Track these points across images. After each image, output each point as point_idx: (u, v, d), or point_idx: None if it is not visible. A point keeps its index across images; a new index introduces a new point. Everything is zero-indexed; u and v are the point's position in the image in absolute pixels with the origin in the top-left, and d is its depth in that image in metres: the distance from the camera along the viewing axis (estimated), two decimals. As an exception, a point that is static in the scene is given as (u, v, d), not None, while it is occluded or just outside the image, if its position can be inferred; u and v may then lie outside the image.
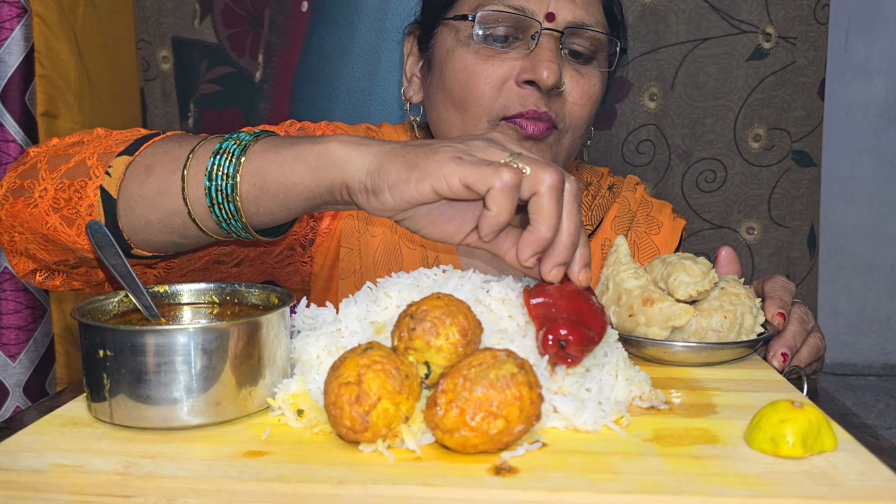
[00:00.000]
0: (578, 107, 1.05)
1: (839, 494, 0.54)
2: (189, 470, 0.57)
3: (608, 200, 1.20)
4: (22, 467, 0.58)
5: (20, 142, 1.31)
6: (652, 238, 1.20)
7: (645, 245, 1.19)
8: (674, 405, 0.72)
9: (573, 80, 1.05)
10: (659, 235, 1.20)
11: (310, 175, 0.73)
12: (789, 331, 0.89)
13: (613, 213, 1.20)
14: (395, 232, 1.13)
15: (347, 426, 0.59)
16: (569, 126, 1.06)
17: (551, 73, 0.99)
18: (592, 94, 1.06)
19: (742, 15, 1.60)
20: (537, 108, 1.02)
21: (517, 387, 0.58)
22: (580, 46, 1.05)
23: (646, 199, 1.23)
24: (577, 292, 0.71)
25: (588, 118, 1.08)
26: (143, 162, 0.80)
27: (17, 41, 1.30)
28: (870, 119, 2.40)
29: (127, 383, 0.63)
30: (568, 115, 1.05)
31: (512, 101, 1.03)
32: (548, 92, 1.02)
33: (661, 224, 1.21)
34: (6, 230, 0.88)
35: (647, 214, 1.21)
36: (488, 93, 1.03)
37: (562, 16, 1.03)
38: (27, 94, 1.33)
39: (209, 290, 0.78)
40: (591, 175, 1.23)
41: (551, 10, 1.02)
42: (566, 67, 1.04)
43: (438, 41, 1.10)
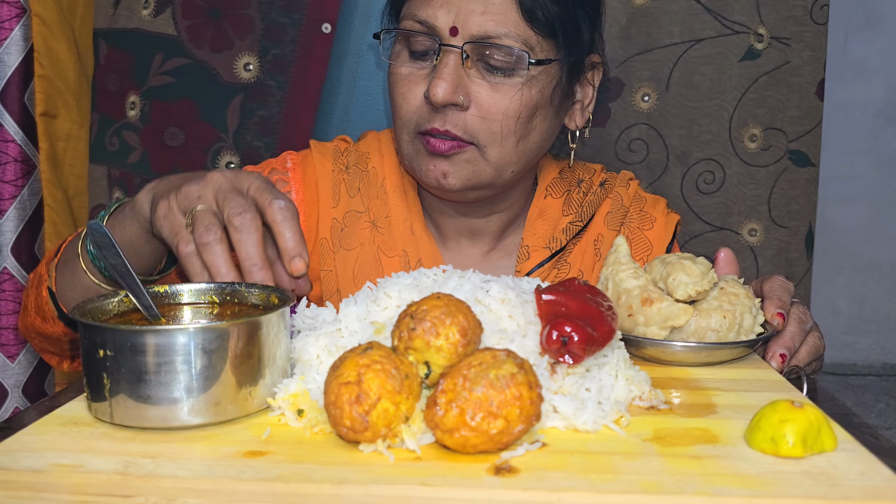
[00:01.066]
0: (491, 121, 1.02)
1: (839, 494, 0.54)
2: (189, 470, 0.57)
3: (599, 197, 1.19)
4: (22, 467, 0.58)
5: (19, 142, 1.32)
6: (645, 233, 1.19)
7: (638, 240, 1.19)
8: (673, 405, 0.72)
9: (482, 95, 1.01)
10: (652, 230, 1.19)
11: (133, 225, 0.91)
12: (788, 331, 0.89)
13: (606, 209, 1.19)
14: (372, 243, 1.14)
15: (347, 426, 0.59)
16: (486, 141, 1.02)
17: (440, 90, 0.98)
18: (505, 108, 1.01)
19: (734, 16, 1.60)
20: (439, 127, 1.01)
21: (517, 387, 0.58)
22: (494, 59, 1.01)
23: (639, 195, 1.22)
24: (589, 297, 0.72)
25: (510, 131, 1.03)
26: (61, 260, 1.00)
27: (17, 41, 1.30)
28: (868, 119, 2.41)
29: (127, 383, 0.63)
30: (480, 131, 1.02)
31: (422, 118, 1.03)
32: (448, 108, 1.01)
33: (654, 219, 1.20)
34: (29, 339, 1.13)
35: (640, 210, 1.21)
36: (405, 108, 1.04)
37: (466, 29, 1.00)
38: (26, 94, 1.33)
39: (209, 290, 0.78)
40: (583, 172, 1.22)
41: (454, 24, 1.00)
42: (473, 82, 1.01)
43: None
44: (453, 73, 1.00)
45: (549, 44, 1.03)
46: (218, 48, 1.61)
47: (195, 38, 1.61)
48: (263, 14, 1.61)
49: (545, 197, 1.17)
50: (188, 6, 1.59)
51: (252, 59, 1.62)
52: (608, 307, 0.73)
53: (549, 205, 1.17)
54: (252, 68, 1.62)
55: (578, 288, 0.74)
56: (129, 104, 1.61)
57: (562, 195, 1.18)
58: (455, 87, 0.99)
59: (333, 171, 1.16)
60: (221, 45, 1.61)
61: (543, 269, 1.14)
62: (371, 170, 1.16)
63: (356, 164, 1.17)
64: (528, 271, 1.14)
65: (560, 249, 1.15)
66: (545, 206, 1.17)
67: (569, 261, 1.16)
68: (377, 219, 1.14)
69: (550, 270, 1.15)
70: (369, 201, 1.15)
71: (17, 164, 1.31)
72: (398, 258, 1.13)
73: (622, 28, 1.59)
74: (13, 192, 1.33)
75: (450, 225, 1.16)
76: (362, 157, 1.18)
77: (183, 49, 1.61)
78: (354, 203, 1.15)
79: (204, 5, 1.59)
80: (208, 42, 1.61)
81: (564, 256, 1.16)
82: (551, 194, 1.18)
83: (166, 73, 1.62)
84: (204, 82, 1.62)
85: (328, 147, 1.20)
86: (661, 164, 1.67)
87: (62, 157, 1.47)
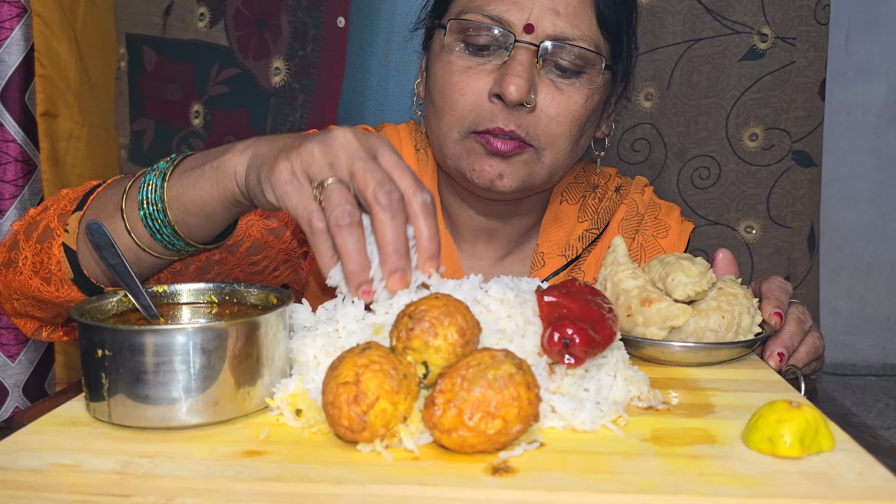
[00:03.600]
0: (555, 124, 1.01)
1: (836, 494, 0.54)
2: (187, 469, 0.57)
3: (615, 202, 1.18)
4: (20, 467, 0.58)
5: (20, 141, 1.32)
6: (659, 241, 1.18)
7: (652, 248, 1.18)
8: (672, 405, 0.72)
9: (549, 96, 1.00)
10: (667, 239, 1.19)
11: (215, 189, 0.79)
12: (786, 330, 0.88)
13: (621, 215, 1.19)
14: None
15: (345, 426, 0.59)
16: (546, 144, 1.02)
17: (517, 87, 0.96)
18: (572, 111, 1.01)
19: (735, 16, 1.60)
20: (504, 127, 0.99)
21: (515, 387, 0.58)
22: (565, 61, 1.00)
23: (654, 202, 1.22)
24: (591, 299, 0.72)
25: (568, 135, 1.03)
26: (89, 214, 0.87)
27: (17, 41, 1.30)
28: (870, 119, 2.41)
29: (126, 383, 0.63)
30: (543, 133, 1.01)
31: (482, 116, 1.00)
32: (516, 107, 0.99)
33: (668, 227, 1.19)
34: (6, 299, 0.97)
35: (654, 217, 1.20)
36: (461, 104, 1.01)
37: (542, 28, 0.99)
38: (27, 94, 1.33)
39: (208, 290, 0.78)
40: (598, 177, 1.21)
41: (530, 22, 0.98)
42: (543, 83, 1.00)
43: (433, 43, 1.09)
44: (528, 72, 0.98)
45: (609, 49, 1.03)
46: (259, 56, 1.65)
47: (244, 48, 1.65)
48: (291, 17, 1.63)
49: (560, 202, 1.17)
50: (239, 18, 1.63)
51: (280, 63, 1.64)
52: (609, 309, 0.73)
53: (565, 210, 1.16)
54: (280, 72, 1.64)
55: (579, 289, 0.74)
56: (192, 112, 1.64)
57: (577, 201, 1.17)
58: (530, 87, 0.98)
59: None
60: (262, 53, 1.65)
61: (559, 278, 1.13)
62: None
63: None
64: (544, 279, 1.13)
65: (576, 258, 1.15)
66: (560, 211, 1.16)
67: (583, 269, 1.15)
68: None
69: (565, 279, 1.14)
70: None
71: (17, 163, 1.31)
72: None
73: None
74: (14, 192, 1.33)
75: (468, 226, 1.15)
76: None
77: (234, 59, 1.64)
78: None
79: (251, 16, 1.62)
80: (252, 51, 1.65)
81: (579, 265, 1.15)
82: (567, 199, 1.17)
83: (221, 82, 1.65)
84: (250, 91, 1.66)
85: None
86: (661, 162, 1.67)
87: (63, 156, 1.47)
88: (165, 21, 1.64)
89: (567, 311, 0.70)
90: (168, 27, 1.65)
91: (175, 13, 1.64)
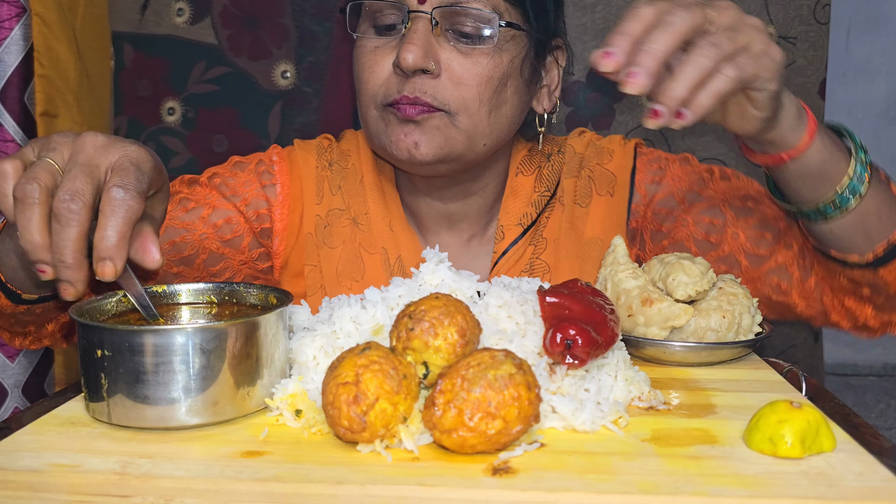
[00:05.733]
0: (464, 88, 1.00)
1: (837, 495, 0.54)
2: (187, 470, 0.57)
3: (560, 160, 1.18)
4: (20, 467, 0.58)
5: (19, 141, 1.31)
6: (605, 167, 1.16)
7: (600, 176, 1.15)
8: (672, 405, 0.72)
9: (454, 61, 1.00)
10: (612, 161, 1.16)
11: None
12: (676, 75, 0.72)
13: (564, 166, 1.18)
14: (353, 240, 1.13)
15: (345, 426, 0.59)
16: (457, 108, 1.01)
17: (411, 54, 0.96)
18: (479, 74, 1.00)
19: (742, 14, 1.60)
20: (409, 94, 0.99)
21: (515, 387, 0.58)
22: (467, 27, 1.00)
23: (594, 140, 1.20)
24: (593, 300, 0.72)
25: (480, 99, 1.02)
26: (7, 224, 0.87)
27: (17, 41, 1.29)
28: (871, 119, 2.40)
29: (125, 383, 0.63)
30: (452, 98, 1.00)
31: (390, 89, 1.01)
32: (418, 75, 0.99)
33: (612, 151, 1.17)
34: None
35: (597, 149, 1.18)
36: (371, 82, 1.02)
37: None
38: (26, 94, 1.33)
39: (208, 290, 0.78)
40: (550, 146, 1.20)
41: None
42: (445, 49, 1.00)
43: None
44: (423, 39, 0.98)
45: (517, 13, 1.03)
46: (255, 56, 1.64)
47: (235, 46, 1.65)
48: (297, 22, 1.63)
49: (517, 175, 1.16)
50: (227, 16, 1.63)
51: (289, 67, 1.65)
52: (611, 310, 0.73)
53: (521, 182, 1.15)
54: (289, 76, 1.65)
55: (581, 290, 0.74)
56: (165, 109, 1.64)
57: (533, 171, 1.16)
58: (425, 53, 0.98)
59: (317, 168, 1.16)
60: (259, 53, 1.64)
61: (518, 247, 1.12)
62: (350, 167, 1.16)
63: (338, 162, 1.17)
64: (504, 251, 1.12)
65: (532, 223, 1.14)
66: (517, 184, 1.15)
67: (545, 235, 1.14)
68: (357, 216, 1.13)
69: (526, 247, 1.13)
70: (350, 199, 1.14)
71: (17, 163, 1.31)
72: (378, 255, 1.12)
73: None
74: (13, 192, 1.33)
75: (428, 214, 1.15)
76: (343, 154, 1.17)
77: (224, 58, 1.64)
78: (336, 201, 1.14)
79: (241, 14, 1.62)
80: (247, 51, 1.64)
81: (539, 231, 1.14)
82: (522, 171, 1.16)
83: (209, 80, 1.65)
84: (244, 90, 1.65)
85: (312, 144, 1.19)
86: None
87: (63, 156, 1.47)
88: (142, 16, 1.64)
89: (569, 313, 0.71)
90: (144, 22, 1.64)
91: (151, 7, 1.63)
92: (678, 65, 0.71)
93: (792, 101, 0.82)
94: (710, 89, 0.72)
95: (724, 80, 0.72)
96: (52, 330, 0.98)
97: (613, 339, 0.71)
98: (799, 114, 0.83)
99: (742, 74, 0.73)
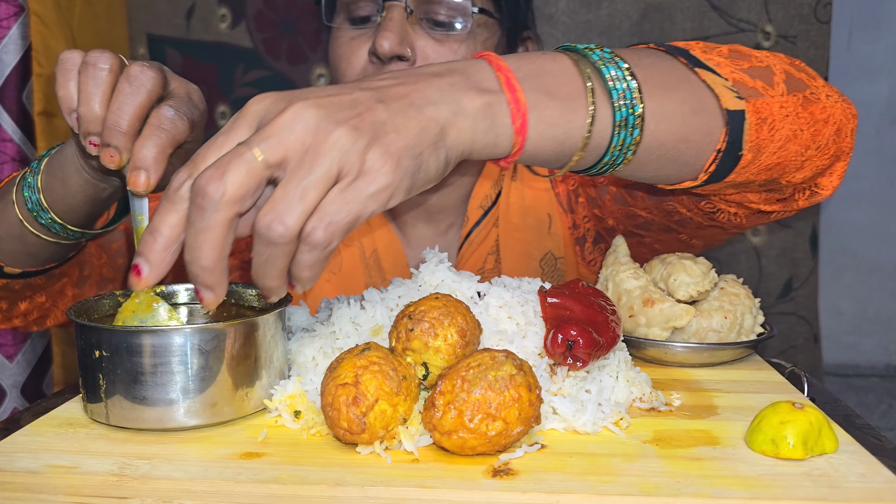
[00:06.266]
0: None
1: (839, 496, 0.53)
2: (185, 471, 0.57)
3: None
4: (17, 468, 0.58)
5: (17, 140, 1.31)
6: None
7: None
8: (674, 407, 0.71)
9: (429, 48, 1.01)
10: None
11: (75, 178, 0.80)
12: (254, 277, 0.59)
13: None
14: None
15: (345, 427, 0.59)
16: None
17: (387, 41, 0.96)
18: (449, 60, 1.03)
19: (741, 14, 1.59)
20: None
21: (516, 388, 0.58)
22: (440, 15, 1.01)
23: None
24: (594, 301, 0.72)
25: None
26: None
27: (15, 40, 1.29)
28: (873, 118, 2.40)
29: (123, 384, 0.63)
30: None
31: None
32: (395, 62, 1.00)
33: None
34: None
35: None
36: (349, 73, 1.03)
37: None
38: (24, 93, 1.32)
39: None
40: None
41: None
42: (420, 37, 1.01)
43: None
44: (399, 27, 0.99)
45: (489, 3, 1.04)
46: (294, 60, 1.66)
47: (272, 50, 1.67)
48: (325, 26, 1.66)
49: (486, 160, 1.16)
50: (261, 19, 1.65)
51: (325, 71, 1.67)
52: (612, 311, 0.72)
53: (491, 167, 1.16)
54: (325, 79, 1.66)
55: (583, 290, 0.74)
56: (218, 114, 1.66)
57: None
58: (401, 39, 0.98)
59: None
60: (297, 57, 1.66)
61: (481, 229, 1.12)
62: None
63: None
64: (466, 234, 1.12)
65: (493, 204, 1.13)
66: (488, 169, 1.16)
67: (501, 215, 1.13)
68: None
69: (490, 229, 1.13)
70: None
71: (15, 163, 1.30)
72: (356, 248, 1.13)
73: (634, 24, 1.58)
74: (12, 192, 1.33)
75: (404, 208, 1.15)
76: None
77: (261, 61, 1.66)
78: None
79: (276, 19, 1.64)
80: (285, 55, 1.66)
81: (499, 211, 1.14)
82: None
83: (248, 84, 1.67)
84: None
85: None
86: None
87: (62, 156, 1.47)
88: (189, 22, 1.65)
89: (570, 313, 0.70)
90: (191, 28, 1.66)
91: (197, 14, 1.65)
92: (254, 258, 0.56)
93: (476, 130, 0.61)
94: (301, 278, 0.57)
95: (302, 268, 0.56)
96: (25, 309, 0.98)
97: (615, 341, 0.71)
98: (491, 129, 0.62)
99: (330, 236, 0.55)
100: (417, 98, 0.58)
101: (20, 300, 0.96)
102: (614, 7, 1.58)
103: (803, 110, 0.75)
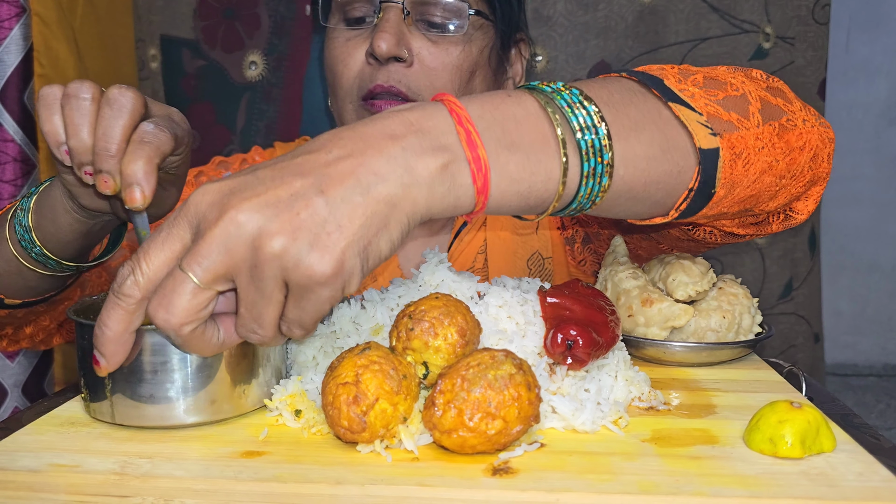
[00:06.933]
0: (436, 76, 1.02)
1: (837, 495, 0.54)
2: (186, 470, 0.57)
3: None
4: (19, 467, 0.58)
5: (18, 141, 1.31)
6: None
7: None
8: (672, 406, 0.71)
9: (425, 49, 1.01)
10: None
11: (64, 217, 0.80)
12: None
13: None
14: None
15: (345, 426, 0.59)
16: (430, 97, 1.01)
17: (385, 41, 0.97)
18: (450, 62, 1.02)
19: (743, 14, 1.59)
20: (383, 83, 1.00)
21: (515, 387, 0.58)
22: (435, 16, 1.02)
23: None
24: (594, 301, 0.72)
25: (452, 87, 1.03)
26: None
27: (16, 40, 1.29)
28: (871, 119, 2.40)
29: (123, 382, 0.63)
30: (425, 87, 1.02)
31: (364, 80, 1.02)
32: (392, 63, 1.00)
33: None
34: None
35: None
36: (346, 74, 1.03)
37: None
38: (26, 94, 1.33)
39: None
40: None
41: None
42: (417, 38, 1.01)
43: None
44: (396, 28, 0.99)
45: (484, 4, 1.05)
46: (229, 48, 1.61)
47: (209, 38, 1.61)
48: (271, 11, 1.60)
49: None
50: (204, 7, 1.60)
51: (257, 58, 1.61)
52: (611, 311, 0.73)
53: None
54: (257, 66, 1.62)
55: (582, 290, 0.74)
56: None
57: None
58: (398, 41, 0.99)
59: None
60: (233, 45, 1.60)
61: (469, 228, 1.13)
62: None
63: None
64: (455, 234, 1.13)
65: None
66: None
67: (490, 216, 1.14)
68: None
69: (478, 231, 1.13)
70: None
71: (16, 163, 1.31)
72: None
73: (629, 26, 1.58)
74: (12, 192, 1.33)
75: None
76: None
77: (200, 51, 1.61)
78: None
79: (217, 6, 1.59)
80: (220, 42, 1.61)
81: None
82: None
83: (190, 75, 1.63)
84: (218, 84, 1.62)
85: (291, 146, 1.20)
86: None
87: (62, 156, 1.47)
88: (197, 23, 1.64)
89: (570, 313, 0.71)
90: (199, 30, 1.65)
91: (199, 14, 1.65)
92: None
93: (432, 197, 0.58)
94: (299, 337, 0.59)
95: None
96: (31, 332, 0.98)
97: (614, 340, 0.71)
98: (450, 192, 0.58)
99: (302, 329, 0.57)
100: (364, 175, 0.54)
101: (24, 325, 0.97)
102: (611, 9, 1.58)
103: (779, 140, 0.73)
